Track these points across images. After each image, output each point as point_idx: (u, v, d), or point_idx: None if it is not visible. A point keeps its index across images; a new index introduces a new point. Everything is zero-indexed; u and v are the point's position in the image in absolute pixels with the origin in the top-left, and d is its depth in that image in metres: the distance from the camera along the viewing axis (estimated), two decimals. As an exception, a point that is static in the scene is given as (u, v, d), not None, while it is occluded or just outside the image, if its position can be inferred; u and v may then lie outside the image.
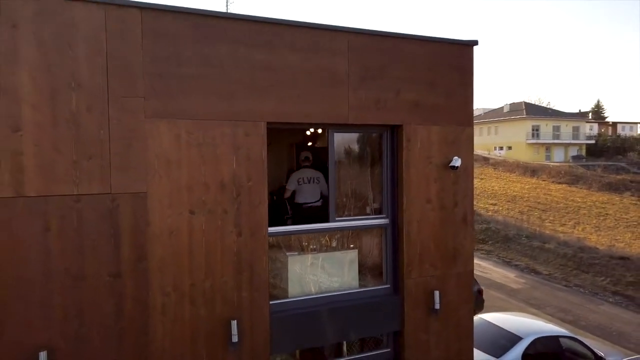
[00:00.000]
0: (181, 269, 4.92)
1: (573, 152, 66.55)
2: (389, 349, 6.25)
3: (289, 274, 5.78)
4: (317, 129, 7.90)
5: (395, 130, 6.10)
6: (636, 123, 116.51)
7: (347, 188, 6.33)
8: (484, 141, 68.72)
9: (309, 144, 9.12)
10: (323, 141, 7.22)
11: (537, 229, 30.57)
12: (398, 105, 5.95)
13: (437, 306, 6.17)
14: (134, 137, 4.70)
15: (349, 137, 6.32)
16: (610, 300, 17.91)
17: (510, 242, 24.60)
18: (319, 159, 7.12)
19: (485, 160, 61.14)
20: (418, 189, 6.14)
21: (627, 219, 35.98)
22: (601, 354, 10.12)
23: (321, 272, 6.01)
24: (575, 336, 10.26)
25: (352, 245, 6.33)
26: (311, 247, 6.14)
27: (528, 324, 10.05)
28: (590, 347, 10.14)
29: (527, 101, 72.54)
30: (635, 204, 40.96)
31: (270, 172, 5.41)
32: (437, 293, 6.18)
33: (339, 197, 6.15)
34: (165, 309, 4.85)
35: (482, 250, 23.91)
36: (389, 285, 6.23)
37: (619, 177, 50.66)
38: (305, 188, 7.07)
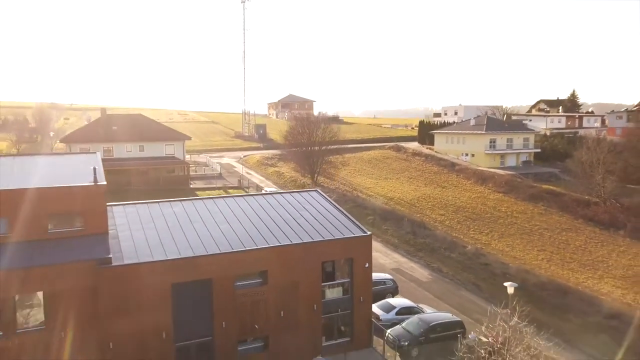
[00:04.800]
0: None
1: (524, 157, 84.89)
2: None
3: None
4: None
5: (352, 259, 24.77)
6: (600, 116, 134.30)
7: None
8: (454, 148, 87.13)
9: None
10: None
11: (461, 237, 49.37)
12: (352, 252, 24.67)
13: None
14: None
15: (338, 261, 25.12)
16: (469, 288, 36.89)
17: (434, 252, 43.50)
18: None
19: (453, 166, 79.51)
20: (360, 282, 24.88)
21: (526, 227, 54.32)
22: (429, 311, 29.26)
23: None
24: (419, 306, 29.27)
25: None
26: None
27: (401, 302, 29.06)
28: (424, 310, 29.20)
29: (490, 115, 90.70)
30: (541, 213, 59.17)
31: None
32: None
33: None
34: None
35: (417, 256, 42.78)
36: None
37: (544, 186, 68.23)
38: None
